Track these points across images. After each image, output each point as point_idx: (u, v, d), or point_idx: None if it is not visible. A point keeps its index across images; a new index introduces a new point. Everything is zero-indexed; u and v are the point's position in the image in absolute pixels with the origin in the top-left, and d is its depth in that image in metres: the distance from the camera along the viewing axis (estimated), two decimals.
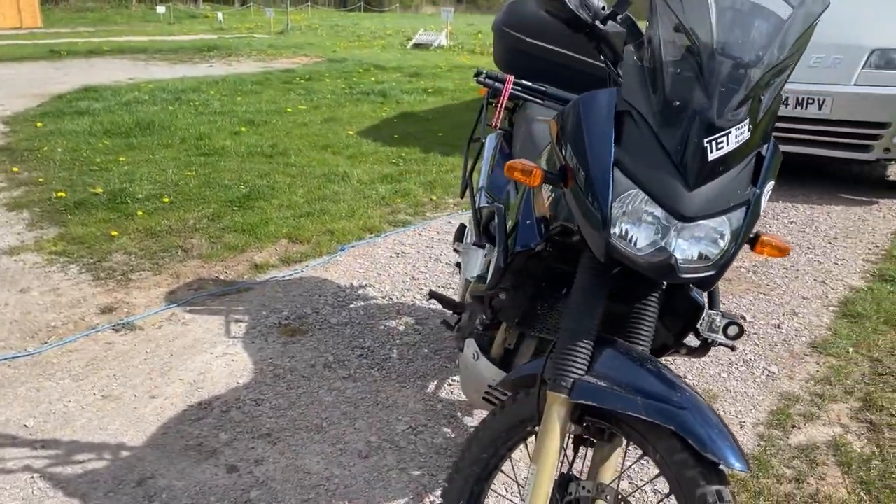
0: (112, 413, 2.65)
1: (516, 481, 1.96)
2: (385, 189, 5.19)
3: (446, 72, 11.79)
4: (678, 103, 1.37)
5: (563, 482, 1.62)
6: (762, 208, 1.47)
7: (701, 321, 1.66)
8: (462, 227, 2.96)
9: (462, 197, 2.81)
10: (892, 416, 2.59)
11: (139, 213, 4.60)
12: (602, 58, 1.68)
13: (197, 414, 2.66)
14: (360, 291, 3.63)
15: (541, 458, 1.51)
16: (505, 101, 2.64)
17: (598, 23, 1.65)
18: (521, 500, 1.52)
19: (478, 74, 2.69)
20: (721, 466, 1.37)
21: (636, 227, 1.42)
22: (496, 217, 1.82)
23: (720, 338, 1.65)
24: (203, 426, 2.59)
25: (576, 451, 1.71)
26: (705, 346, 1.71)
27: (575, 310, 1.56)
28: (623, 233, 1.42)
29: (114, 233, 4.28)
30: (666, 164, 1.39)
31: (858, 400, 2.71)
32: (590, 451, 1.65)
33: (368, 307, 3.46)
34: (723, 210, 1.40)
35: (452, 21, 17.93)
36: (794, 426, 2.56)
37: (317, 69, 11.95)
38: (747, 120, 1.37)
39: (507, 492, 2.28)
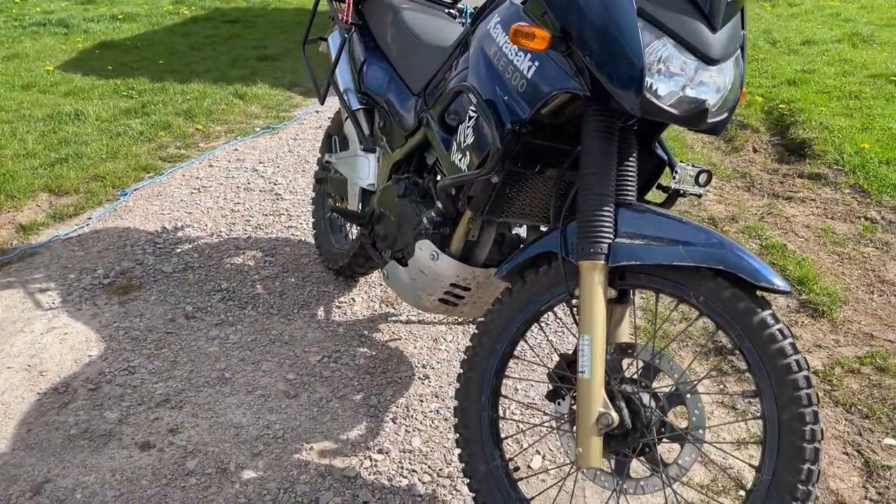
0: None
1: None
2: (138, 124, 4.54)
3: None
4: None
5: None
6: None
7: (674, 174, 1.76)
8: (328, 137, 2.73)
9: (322, 103, 2.59)
10: None
11: None
12: None
13: (59, 400, 2.18)
14: (180, 234, 3.19)
15: (592, 327, 1.52)
16: None
17: None
18: (580, 371, 1.51)
19: None
20: (760, 293, 1.49)
21: (660, 77, 1.43)
22: (472, 97, 1.70)
23: (692, 187, 1.76)
24: (76, 411, 2.14)
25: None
26: (673, 198, 1.80)
27: (592, 175, 1.55)
28: (648, 85, 1.43)
29: None
30: (688, 7, 1.42)
31: None
32: None
33: (200, 248, 3.07)
34: (732, 52, 1.49)
35: None
36: None
37: None
38: None
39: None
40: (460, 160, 1.79)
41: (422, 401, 2.21)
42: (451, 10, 2.60)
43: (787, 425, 1.39)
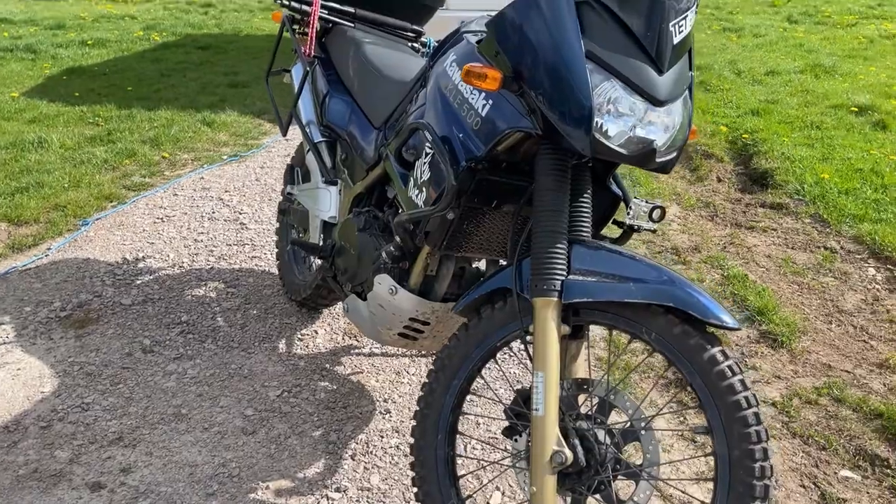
0: None
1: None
2: (102, 152, 4.49)
3: (94, 23, 10.37)
4: None
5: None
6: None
7: (629, 210, 1.78)
8: (291, 169, 2.72)
9: (284, 135, 2.59)
10: None
11: None
12: None
13: (8, 439, 2.13)
14: (140, 265, 3.15)
15: (546, 363, 1.51)
16: (315, 26, 2.48)
17: None
18: (534, 408, 1.51)
19: None
20: (712, 330, 1.50)
21: (609, 117, 1.45)
22: (429, 134, 1.71)
23: (646, 223, 1.78)
24: (26, 450, 2.08)
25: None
26: (628, 234, 1.82)
27: (545, 212, 1.56)
28: (598, 125, 1.44)
29: None
30: (635, 51, 1.44)
31: None
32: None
33: (161, 280, 3.03)
34: (680, 93, 1.51)
35: None
36: None
37: None
38: (695, 4, 1.48)
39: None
40: (417, 196, 1.79)
41: (382, 436, 2.19)
42: (415, 45, 2.63)
43: (737, 462, 1.39)
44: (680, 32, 1.45)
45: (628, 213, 1.77)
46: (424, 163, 1.76)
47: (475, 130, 1.64)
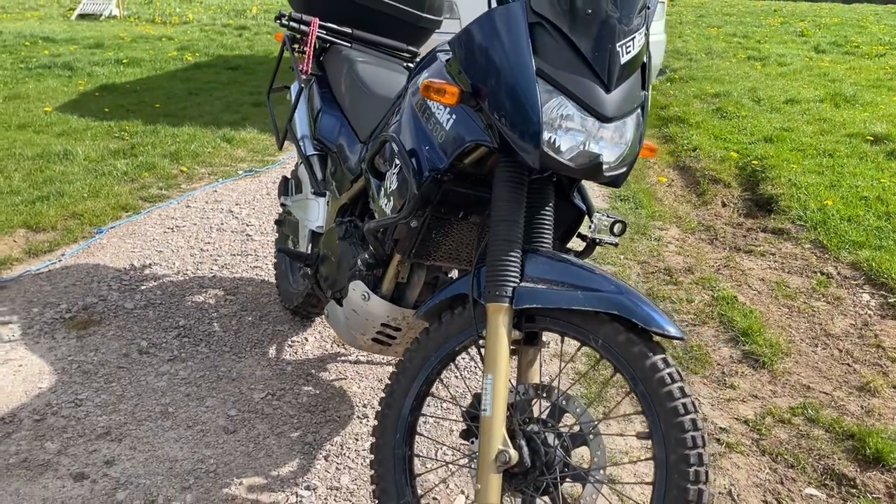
0: None
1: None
2: (124, 164, 4.67)
3: (132, 42, 10.75)
4: (590, 11, 1.49)
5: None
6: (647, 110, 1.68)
7: (591, 223, 1.83)
8: (285, 181, 2.83)
9: (280, 148, 2.69)
10: (674, 303, 3.09)
11: None
12: None
13: (3, 430, 2.23)
14: (147, 272, 3.27)
15: (496, 367, 1.57)
16: (313, 45, 2.59)
17: None
18: (483, 409, 1.57)
19: (280, 17, 2.58)
20: (657, 338, 1.55)
21: (560, 133, 1.52)
22: (396, 146, 1.79)
23: (608, 237, 1.83)
24: (18, 441, 2.18)
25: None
26: (591, 247, 1.88)
27: (501, 222, 1.62)
28: (549, 140, 1.51)
29: None
30: (583, 69, 1.51)
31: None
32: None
33: (164, 286, 3.14)
34: (630, 111, 1.57)
35: None
36: None
37: None
38: (644, 27, 1.55)
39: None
40: (386, 204, 1.87)
41: (357, 439, 2.25)
42: (410, 65, 2.72)
43: (673, 466, 1.43)
44: (628, 53, 1.52)
45: (590, 227, 1.83)
46: (393, 173, 1.84)
47: (440, 143, 1.72)
